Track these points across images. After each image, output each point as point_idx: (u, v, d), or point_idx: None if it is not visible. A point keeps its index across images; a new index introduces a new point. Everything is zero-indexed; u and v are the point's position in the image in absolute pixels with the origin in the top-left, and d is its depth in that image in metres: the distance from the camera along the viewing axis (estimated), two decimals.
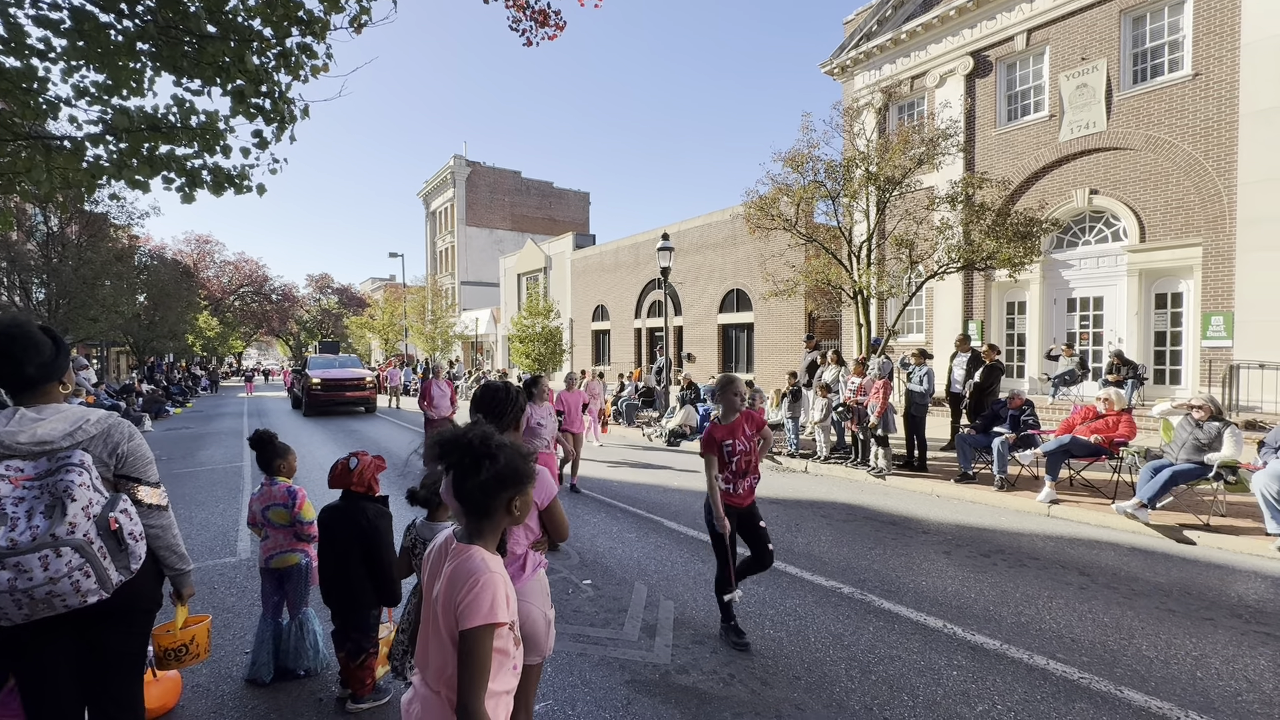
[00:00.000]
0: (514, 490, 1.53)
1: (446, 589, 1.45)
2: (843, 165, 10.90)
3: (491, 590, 1.41)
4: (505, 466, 1.50)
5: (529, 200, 47.54)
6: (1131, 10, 11.73)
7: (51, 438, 1.83)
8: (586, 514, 6.66)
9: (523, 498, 1.56)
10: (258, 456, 3.36)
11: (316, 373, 18.51)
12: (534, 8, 4.87)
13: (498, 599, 1.41)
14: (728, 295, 20.40)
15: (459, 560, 1.46)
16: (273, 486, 3.32)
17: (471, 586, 1.40)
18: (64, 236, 19.92)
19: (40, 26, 3.37)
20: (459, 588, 1.41)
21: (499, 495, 1.51)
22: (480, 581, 1.40)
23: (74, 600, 1.76)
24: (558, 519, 2.21)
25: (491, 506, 1.52)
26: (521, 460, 1.56)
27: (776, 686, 3.18)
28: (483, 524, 1.53)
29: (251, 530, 3.44)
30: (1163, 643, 3.62)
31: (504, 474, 1.50)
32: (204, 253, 45.43)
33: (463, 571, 1.43)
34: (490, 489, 1.49)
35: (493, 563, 1.48)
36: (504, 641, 1.48)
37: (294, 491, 3.31)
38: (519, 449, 1.58)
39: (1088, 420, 6.97)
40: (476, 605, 1.38)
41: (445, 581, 1.46)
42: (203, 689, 3.21)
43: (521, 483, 1.54)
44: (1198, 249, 10.90)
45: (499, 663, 1.48)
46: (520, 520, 1.60)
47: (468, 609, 1.38)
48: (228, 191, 3.89)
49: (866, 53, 15.80)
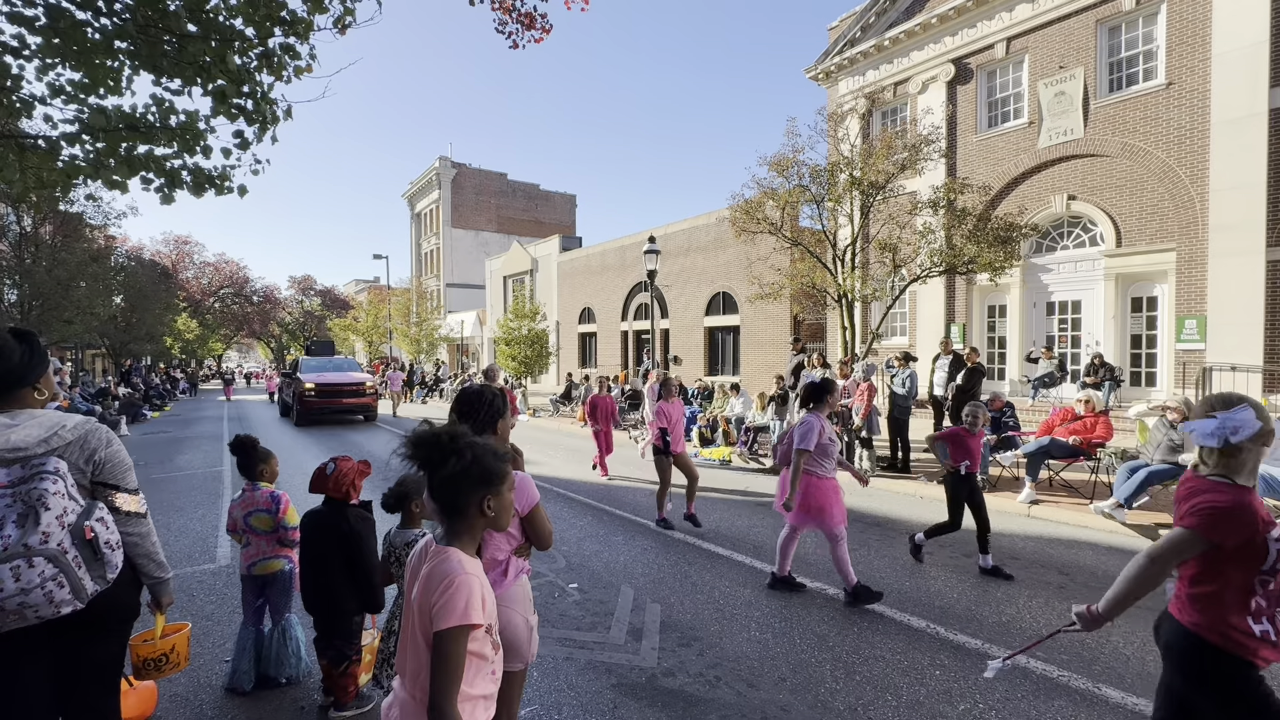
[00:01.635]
0: (485, 490, 1.51)
1: (421, 591, 1.44)
2: (827, 170, 11.02)
3: (466, 591, 1.40)
4: (473, 463, 1.49)
5: (515, 202, 47.37)
6: (1107, 20, 11.99)
7: (25, 444, 1.79)
8: (573, 517, 6.64)
9: (497, 499, 1.54)
10: (239, 462, 3.31)
11: (310, 376, 16.01)
12: (520, 10, 4.87)
13: (472, 600, 1.40)
14: (714, 298, 20.48)
15: (435, 562, 1.46)
16: (255, 492, 3.27)
17: (446, 588, 1.39)
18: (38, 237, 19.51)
19: (14, 23, 3.31)
20: (433, 589, 1.41)
21: (469, 493, 1.50)
22: (455, 583, 1.40)
23: (47, 611, 1.72)
24: (538, 526, 2.16)
25: (462, 505, 1.51)
26: (493, 459, 1.54)
27: (762, 688, 3.20)
28: (458, 525, 1.52)
29: (231, 537, 3.39)
30: (1138, 640, 3.69)
31: (471, 470, 1.49)
32: (183, 253, 44.62)
33: (438, 573, 1.43)
34: (459, 485, 1.49)
35: (469, 564, 1.47)
36: (480, 645, 1.47)
37: (277, 497, 3.27)
38: (491, 449, 1.56)
39: (1066, 422, 7.10)
40: (450, 606, 1.37)
41: (420, 583, 1.46)
42: (181, 698, 3.15)
43: (492, 482, 1.52)
44: (1172, 254, 11.15)
45: (476, 667, 1.47)
46: (499, 524, 1.58)
47: (442, 610, 1.37)
48: (208, 192, 3.83)
49: (850, 59, 15.98)
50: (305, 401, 15.55)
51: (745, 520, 6.49)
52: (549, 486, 8.16)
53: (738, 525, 6.30)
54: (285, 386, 18.26)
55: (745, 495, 7.72)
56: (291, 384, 16.89)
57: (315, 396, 15.60)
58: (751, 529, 6.16)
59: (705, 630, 3.88)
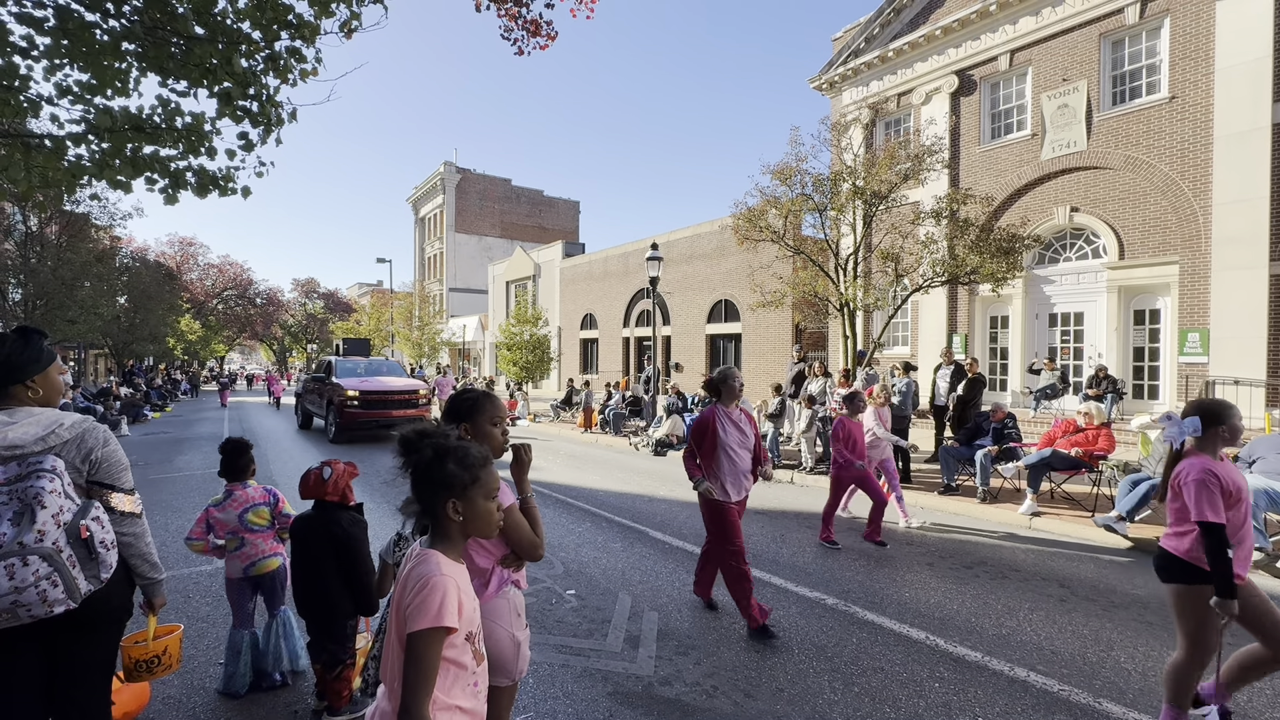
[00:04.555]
0: (446, 492, 1.48)
1: (399, 592, 1.43)
2: (830, 179, 11.04)
3: (440, 592, 1.37)
4: (431, 463, 1.46)
5: (519, 208, 47.55)
6: (1111, 34, 12.04)
7: (22, 442, 1.79)
8: (571, 523, 6.61)
9: (465, 504, 1.50)
10: (231, 464, 3.31)
11: (351, 383, 13.12)
12: (525, 18, 4.90)
13: (446, 602, 1.37)
14: (716, 305, 20.50)
15: (415, 564, 1.45)
16: (246, 489, 3.28)
17: (420, 589, 1.37)
18: (43, 236, 19.61)
19: (23, 24, 3.33)
20: (409, 590, 1.39)
21: (430, 495, 1.48)
22: (429, 584, 1.37)
23: (40, 610, 1.71)
24: (513, 535, 1.96)
25: (431, 505, 1.49)
26: (457, 462, 1.48)
27: (760, 699, 3.17)
28: (434, 527, 1.51)
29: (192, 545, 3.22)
30: (1141, 655, 3.66)
31: (430, 471, 1.46)
32: (187, 255, 44.81)
33: (415, 575, 1.41)
34: (419, 484, 1.47)
35: (447, 566, 1.44)
36: (457, 652, 1.43)
37: (271, 490, 3.31)
38: (462, 451, 1.51)
39: (1068, 434, 7.07)
40: (424, 607, 1.35)
41: (399, 585, 1.44)
42: (174, 701, 3.13)
43: (451, 485, 1.48)
44: (1175, 267, 11.14)
45: (454, 675, 1.44)
46: (473, 530, 1.55)
47: (415, 611, 1.35)
48: (212, 193, 3.85)
49: (854, 69, 16.05)
50: (347, 413, 12.58)
51: (744, 529, 6.44)
52: (547, 492, 8.13)
53: None
54: (311, 393, 15.17)
55: None
56: (322, 391, 13.98)
57: (359, 407, 12.67)
58: (751, 538, 6.12)
59: (703, 639, 3.85)
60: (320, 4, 3.78)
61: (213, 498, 3.34)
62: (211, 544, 3.25)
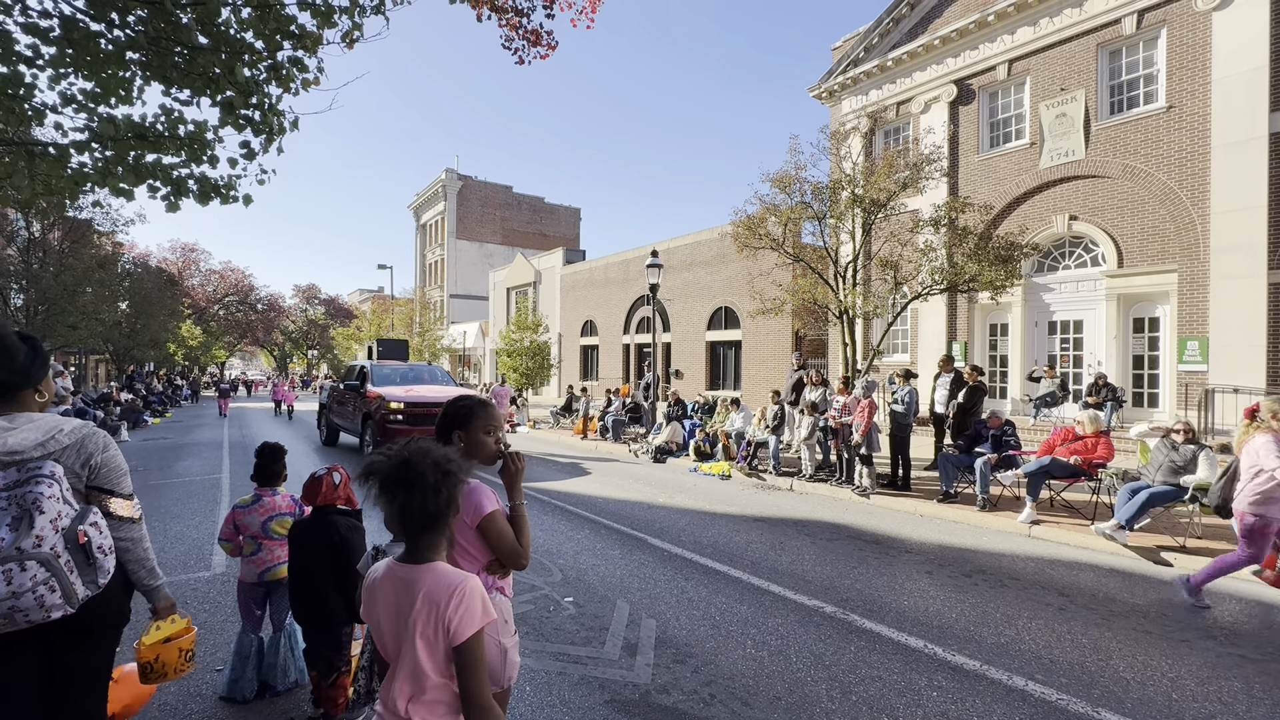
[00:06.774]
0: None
1: (425, 610, 1.38)
2: (829, 187, 11.10)
3: (477, 593, 1.42)
4: (388, 471, 1.43)
5: (520, 215, 47.75)
6: (1108, 44, 12.12)
7: (22, 448, 1.80)
8: (570, 530, 6.61)
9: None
10: (262, 468, 3.31)
11: (394, 393, 10.98)
12: (526, 28, 4.94)
13: (485, 599, 1.43)
14: (716, 313, 20.54)
15: (427, 578, 1.42)
16: (274, 497, 3.29)
17: (458, 598, 1.39)
18: (45, 242, 19.69)
19: (29, 34, 3.37)
20: (442, 603, 1.38)
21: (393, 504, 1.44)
22: (463, 590, 1.40)
23: (37, 615, 1.71)
24: (496, 543, 1.90)
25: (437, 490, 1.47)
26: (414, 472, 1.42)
27: (757, 707, 3.16)
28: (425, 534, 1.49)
29: (225, 545, 3.32)
30: (1139, 664, 3.65)
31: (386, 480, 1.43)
32: (189, 261, 45.01)
33: (440, 587, 1.40)
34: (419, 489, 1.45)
35: (457, 570, 1.48)
36: None
37: (297, 500, 3.31)
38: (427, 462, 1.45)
39: (1067, 441, 7.07)
40: (470, 613, 1.38)
41: (421, 603, 1.39)
42: (170, 707, 3.12)
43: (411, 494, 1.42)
44: (1173, 275, 11.17)
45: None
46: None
47: (463, 620, 1.37)
48: (214, 201, 3.88)
49: (854, 79, 16.16)
50: (388, 428, 10.39)
51: (744, 536, 6.45)
52: (546, 499, 8.13)
53: (736, 541, 6.27)
54: (339, 403, 13.07)
55: (744, 511, 7.68)
56: (355, 402, 11.95)
57: (404, 421, 10.43)
58: (750, 545, 6.12)
59: (701, 647, 3.84)
60: (323, 15, 3.82)
61: (240, 499, 3.35)
62: (242, 544, 3.28)
